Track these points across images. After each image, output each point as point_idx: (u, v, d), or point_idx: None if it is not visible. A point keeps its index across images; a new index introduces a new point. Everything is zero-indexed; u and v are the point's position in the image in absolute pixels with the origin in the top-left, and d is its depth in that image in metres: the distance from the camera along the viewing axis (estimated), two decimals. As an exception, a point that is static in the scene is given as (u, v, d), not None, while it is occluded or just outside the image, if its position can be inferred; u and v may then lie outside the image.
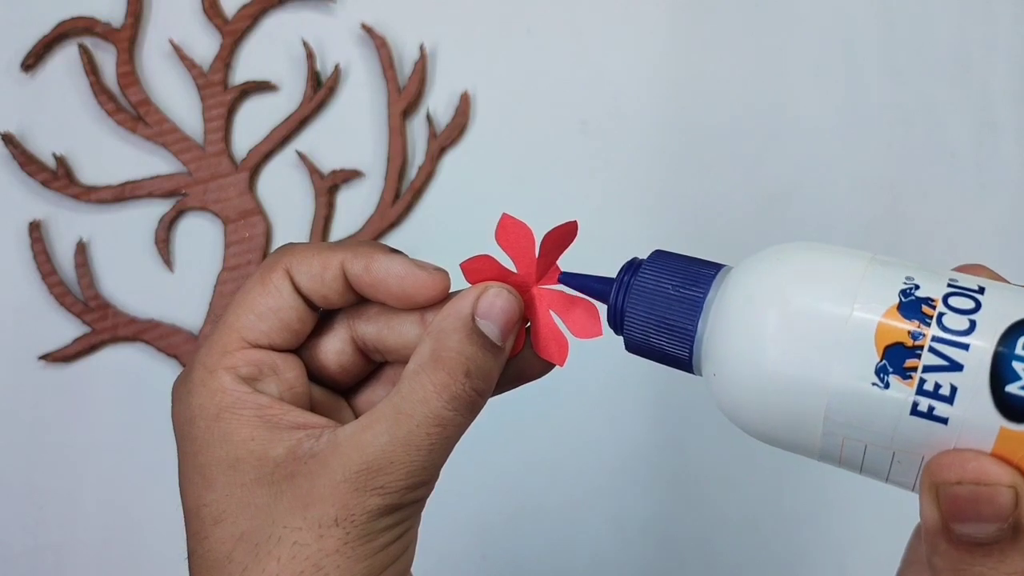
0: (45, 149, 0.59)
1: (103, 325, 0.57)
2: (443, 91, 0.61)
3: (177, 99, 0.60)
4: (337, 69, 0.60)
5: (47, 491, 0.57)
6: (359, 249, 0.28)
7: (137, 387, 0.58)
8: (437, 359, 0.26)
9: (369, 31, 0.60)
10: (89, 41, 0.59)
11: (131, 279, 0.59)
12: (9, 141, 0.58)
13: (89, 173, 0.59)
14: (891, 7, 0.62)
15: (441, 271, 0.28)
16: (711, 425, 0.58)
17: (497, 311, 0.27)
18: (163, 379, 0.58)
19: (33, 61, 0.59)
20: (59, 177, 0.58)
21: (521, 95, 0.61)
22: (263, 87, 0.60)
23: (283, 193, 0.60)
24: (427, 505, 0.28)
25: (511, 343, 0.28)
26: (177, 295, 0.58)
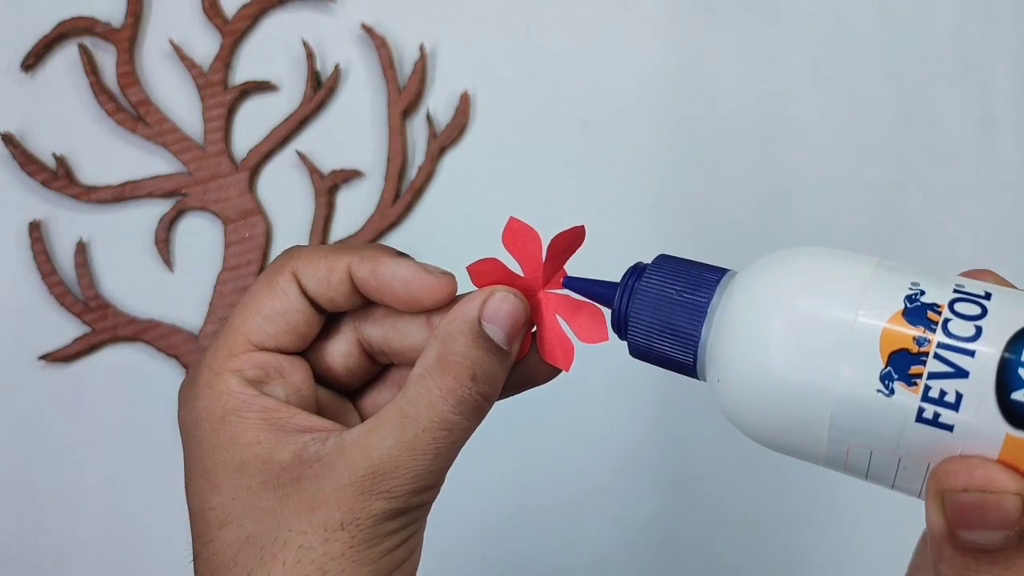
0: (45, 149, 0.59)
1: (103, 325, 0.57)
2: (443, 91, 0.61)
3: (177, 99, 0.60)
4: (337, 69, 0.60)
5: (47, 491, 0.57)
6: (366, 252, 0.28)
7: (137, 387, 0.58)
8: (443, 363, 0.26)
9: (369, 31, 0.60)
10: (89, 41, 0.59)
11: (131, 279, 0.59)
12: (9, 141, 0.58)
13: (89, 173, 0.59)
14: (891, 7, 0.62)
15: (448, 275, 0.28)
16: (712, 425, 0.59)
17: (503, 315, 0.27)
18: (163, 379, 0.58)
19: (33, 61, 0.59)
20: (59, 177, 0.58)
21: (521, 95, 0.61)
22: (263, 87, 0.60)
23: (283, 193, 0.60)
24: (428, 506, 0.28)
25: (517, 347, 0.28)
26: (177, 295, 0.58)
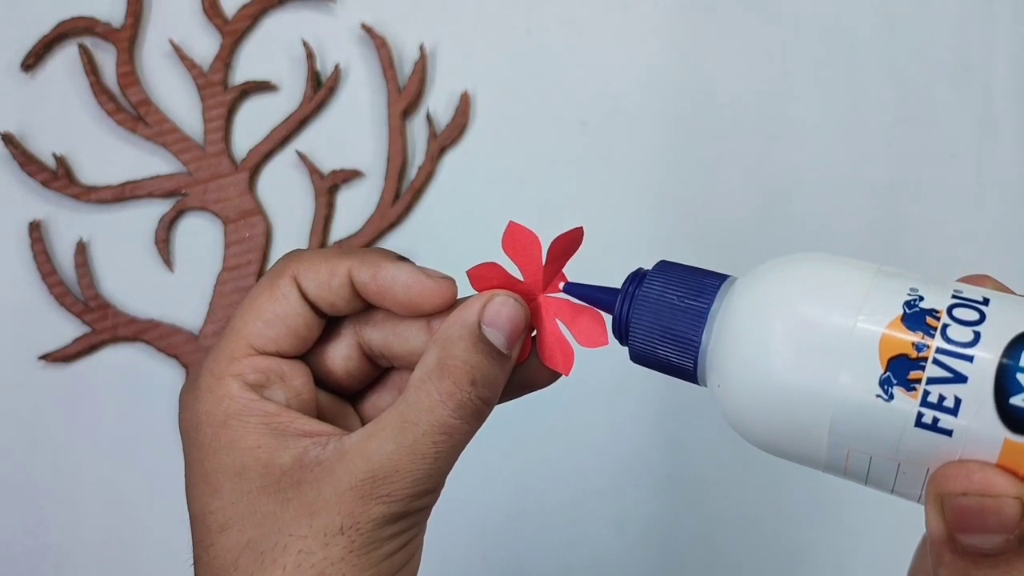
0: (45, 149, 0.59)
1: (103, 325, 0.57)
2: (443, 91, 0.61)
3: (177, 99, 0.60)
4: (337, 69, 0.60)
5: (47, 491, 0.57)
6: (366, 257, 0.28)
7: (137, 387, 0.58)
8: (443, 367, 0.26)
9: (369, 31, 0.60)
10: (89, 41, 0.59)
11: (131, 279, 0.59)
12: (9, 141, 0.58)
13: (89, 173, 0.59)
14: (891, 7, 0.62)
15: (448, 279, 0.28)
16: (711, 427, 0.59)
17: (503, 319, 0.27)
18: (163, 379, 0.58)
19: (33, 61, 0.59)
20: (59, 177, 0.58)
21: (521, 95, 0.61)
22: (263, 87, 0.60)
23: (283, 193, 0.60)
24: (428, 507, 0.28)
25: (517, 351, 0.28)
26: (177, 295, 0.58)
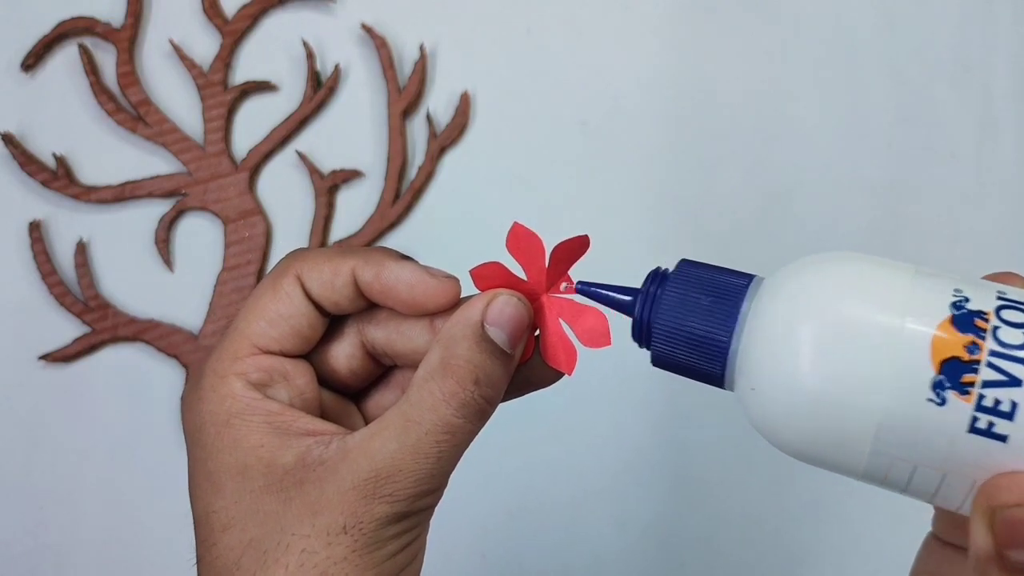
0: (45, 149, 0.59)
1: (103, 325, 0.57)
2: (443, 91, 0.61)
3: (177, 99, 0.60)
4: (337, 69, 0.60)
5: (47, 491, 0.57)
6: (370, 256, 0.28)
7: (137, 387, 0.58)
8: (446, 367, 0.26)
9: (369, 31, 0.60)
10: (89, 41, 0.59)
11: (131, 279, 0.59)
12: (9, 141, 0.58)
13: (89, 173, 0.59)
14: (891, 7, 0.62)
15: (451, 279, 0.28)
16: (713, 426, 0.59)
17: (507, 318, 0.27)
18: (163, 379, 0.58)
19: (33, 61, 0.59)
20: (59, 177, 0.58)
21: (521, 95, 0.61)
22: (263, 87, 0.60)
23: (283, 193, 0.60)
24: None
25: (520, 351, 0.28)
26: (177, 295, 0.58)
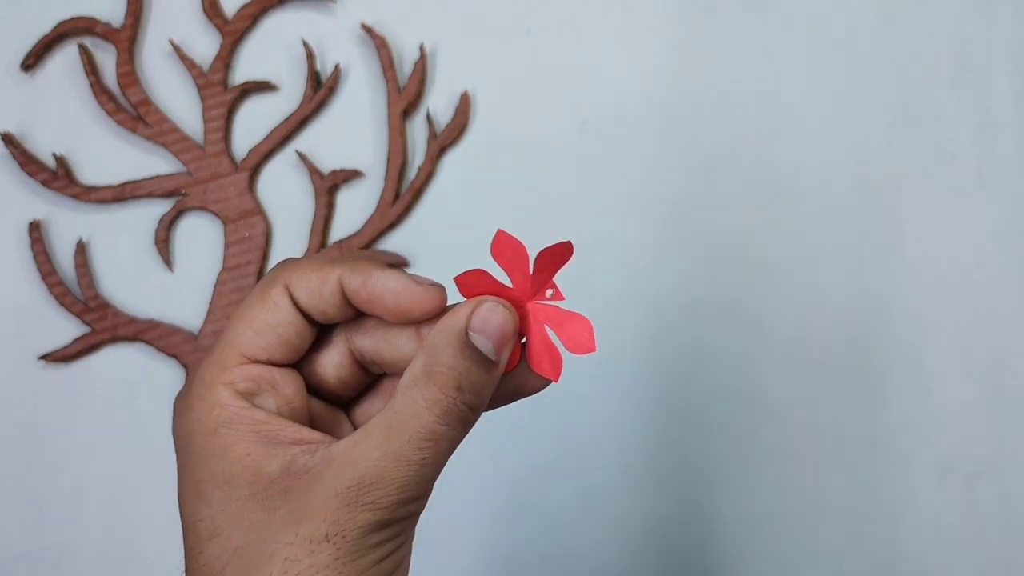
0: (45, 149, 0.59)
1: (103, 325, 0.57)
2: (443, 91, 0.61)
3: (177, 99, 0.60)
4: (337, 69, 0.60)
5: (47, 491, 0.57)
6: (357, 265, 0.29)
7: (137, 387, 0.58)
8: (429, 374, 0.26)
9: (369, 31, 0.60)
10: (89, 41, 0.59)
11: (131, 279, 0.59)
12: (9, 141, 0.58)
13: (89, 173, 0.59)
14: (891, 7, 0.62)
15: (437, 286, 0.28)
16: (712, 426, 0.59)
17: (493, 326, 0.27)
18: (163, 379, 0.58)
19: (33, 61, 0.59)
20: (59, 177, 0.58)
21: (521, 95, 0.61)
22: (263, 87, 0.60)
23: (283, 193, 0.60)
24: (427, 505, 0.28)
25: (506, 358, 0.28)
26: (177, 295, 0.58)
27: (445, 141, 0.60)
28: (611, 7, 0.62)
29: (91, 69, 0.59)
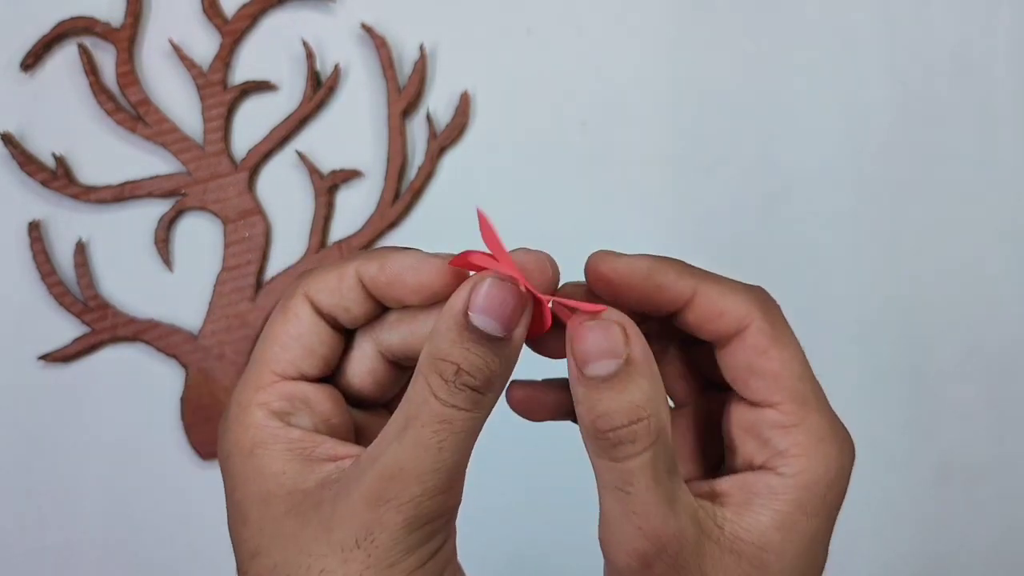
0: (45, 149, 0.59)
1: (103, 325, 0.57)
2: (443, 91, 0.61)
3: (177, 99, 0.60)
4: (337, 69, 0.60)
5: (47, 491, 0.57)
6: (371, 253, 0.28)
7: (137, 387, 0.58)
8: (431, 361, 0.26)
9: (369, 31, 0.60)
10: (89, 41, 0.59)
11: (131, 279, 0.59)
12: (9, 141, 0.58)
13: (89, 173, 0.59)
14: (891, 7, 0.62)
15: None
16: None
17: (495, 303, 0.26)
18: (163, 379, 0.58)
19: (33, 61, 0.59)
20: (59, 177, 0.58)
21: (521, 95, 0.61)
22: (263, 87, 0.60)
23: (283, 193, 0.60)
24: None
25: (522, 331, 0.27)
26: (177, 295, 0.58)
27: (445, 141, 0.60)
28: (611, 7, 0.62)
29: (91, 69, 0.59)
